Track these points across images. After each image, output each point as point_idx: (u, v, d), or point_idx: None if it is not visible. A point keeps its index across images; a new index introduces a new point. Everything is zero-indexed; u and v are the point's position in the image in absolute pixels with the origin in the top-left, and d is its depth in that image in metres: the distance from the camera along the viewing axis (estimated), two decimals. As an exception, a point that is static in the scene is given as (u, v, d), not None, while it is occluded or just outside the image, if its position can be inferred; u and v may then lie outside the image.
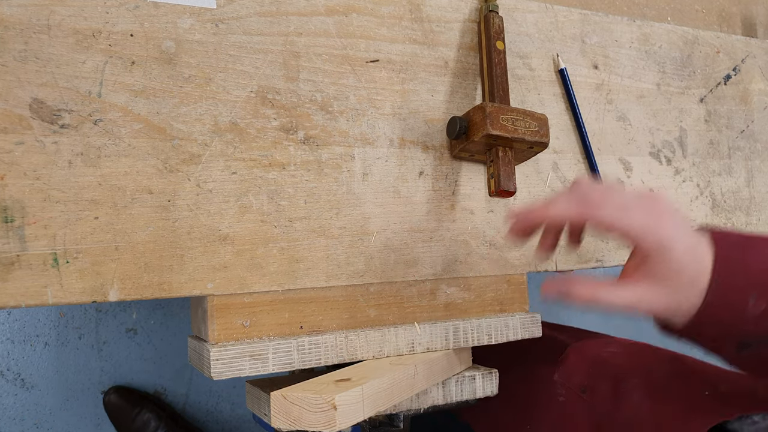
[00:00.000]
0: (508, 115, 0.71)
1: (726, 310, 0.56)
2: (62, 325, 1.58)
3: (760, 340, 0.57)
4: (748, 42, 1.02)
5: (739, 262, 0.56)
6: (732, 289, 0.56)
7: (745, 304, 0.55)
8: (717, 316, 0.56)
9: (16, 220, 0.57)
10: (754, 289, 0.56)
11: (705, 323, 0.57)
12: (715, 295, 0.56)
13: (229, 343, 0.64)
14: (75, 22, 0.60)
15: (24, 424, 1.53)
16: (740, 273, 0.56)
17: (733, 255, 0.57)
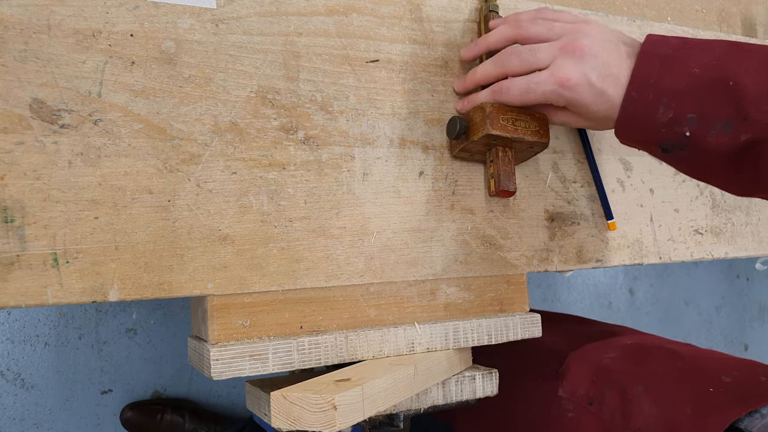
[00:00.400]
0: (508, 115, 0.71)
1: (637, 120, 0.64)
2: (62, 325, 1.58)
3: (674, 144, 0.64)
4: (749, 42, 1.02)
5: (654, 78, 0.62)
6: (640, 102, 0.63)
7: (654, 113, 0.62)
8: (632, 126, 0.65)
9: (16, 220, 0.56)
10: (663, 97, 0.62)
11: (625, 130, 0.66)
12: (625, 112, 0.64)
13: (229, 343, 0.64)
14: (75, 22, 0.60)
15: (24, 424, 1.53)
16: (651, 88, 0.62)
17: (648, 72, 0.63)
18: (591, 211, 0.85)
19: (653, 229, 0.89)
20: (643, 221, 0.88)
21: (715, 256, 0.94)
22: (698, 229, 0.93)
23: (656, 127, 0.63)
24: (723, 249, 0.95)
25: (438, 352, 0.72)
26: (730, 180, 0.66)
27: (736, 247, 0.96)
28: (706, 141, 0.61)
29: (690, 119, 0.61)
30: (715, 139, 0.61)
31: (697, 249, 0.93)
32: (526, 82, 0.67)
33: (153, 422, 1.57)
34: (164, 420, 1.57)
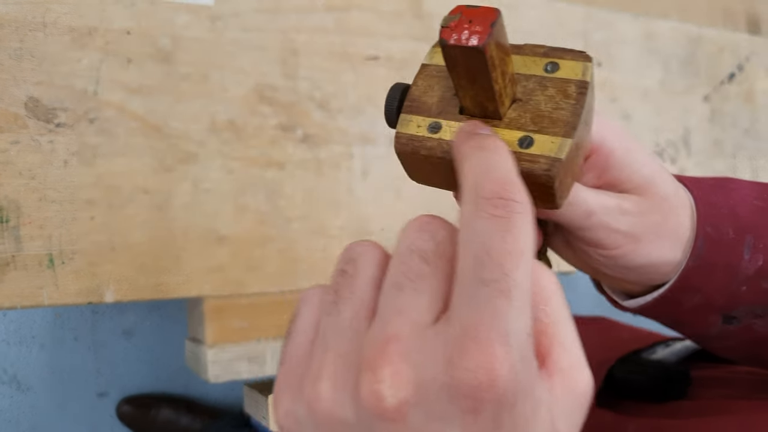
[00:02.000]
0: None
1: (712, 275, 0.43)
2: (58, 326, 1.57)
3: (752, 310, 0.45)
4: (753, 40, 1.01)
5: (725, 206, 0.44)
6: (721, 243, 0.43)
7: (739, 259, 0.43)
8: (702, 282, 0.44)
9: (12, 220, 0.56)
10: (748, 234, 0.43)
11: (688, 288, 0.44)
12: (700, 259, 0.43)
13: (226, 345, 0.63)
14: (71, 20, 0.60)
15: (19, 427, 1.53)
16: (729, 219, 0.44)
17: (714, 199, 0.44)
18: (593, 211, 0.84)
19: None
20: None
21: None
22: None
23: (738, 280, 0.43)
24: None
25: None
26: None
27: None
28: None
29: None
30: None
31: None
32: None
33: (148, 416, 1.57)
34: (160, 414, 1.58)
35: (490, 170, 0.28)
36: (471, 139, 0.31)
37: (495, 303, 0.24)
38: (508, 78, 0.35)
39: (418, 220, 0.29)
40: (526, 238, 0.26)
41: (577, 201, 0.40)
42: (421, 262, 0.27)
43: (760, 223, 0.44)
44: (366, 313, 0.27)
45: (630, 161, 0.41)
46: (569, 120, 0.35)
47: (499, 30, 0.32)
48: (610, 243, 0.42)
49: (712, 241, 0.43)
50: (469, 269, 0.25)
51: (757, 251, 0.43)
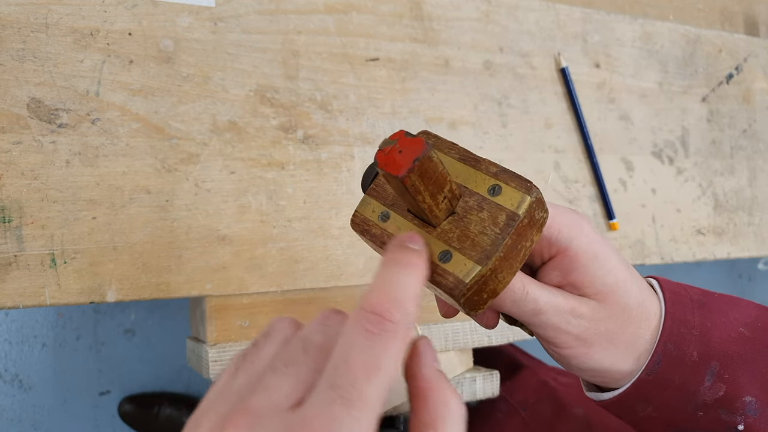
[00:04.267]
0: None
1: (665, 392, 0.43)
2: (60, 325, 1.58)
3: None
4: (751, 41, 1.01)
5: (697, 328, 0.43)
6: (680, 363, 0.42)
7: (698, 385, 0.42)
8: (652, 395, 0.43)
9: (14, 220, 0.56)
10: (712, 361, 0.42)
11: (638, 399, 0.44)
12: (654, 374, 0.43)
13: (227, 344, 0.63)
14: (73, 21, 0.60)
15: (22, 425, 1.53)
16: (697, 341, 0.43)
17: (689, 317, 0.43)
18: (593, 211, 0.84)
19: (655, 230, 0.88)
20: (645, 221, 0.88)
21: (718, 256, 0.94)
22: (700, 229, 0.92)
23: (694, 405, 0.43)
24: (725, 249, 0.95)
25: (438, 353, 0.72)
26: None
27: (738, 247, 0.96)
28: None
29: (749, 405, 0.42)
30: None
31: (699, 249, 0.92)
32: None
33: (150, 415, 1.57)
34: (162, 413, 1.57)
35: (385, 286, 0.31)
36: (393, 250, 0.34)
37: (334, 408, 0.26)
38: (443, 197, 0.37)
39: (323, 314, 0.33)
40: (389, 357, 0.28)
41: (526, 299, 0.41)
42: (301, 351, 0.31)
43: (734, 352, 0.43)
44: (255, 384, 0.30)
45: (594, 268, 0.42)
46: (487, 248, 0.36)
47: (425, 163, 0.35)
48: (559, 342, 0.42)
49: (671, 358, 0.42)
50: (329, 370, 0.28)
51: (720, 380, 0.42)
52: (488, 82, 0.79)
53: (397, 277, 0.31)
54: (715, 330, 0.43)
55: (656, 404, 0.43)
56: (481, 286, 0.36)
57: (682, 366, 0.42)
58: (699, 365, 0.42)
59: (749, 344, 0.43)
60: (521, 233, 0.37)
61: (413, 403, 0.32)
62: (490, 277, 0.36)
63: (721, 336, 0.43)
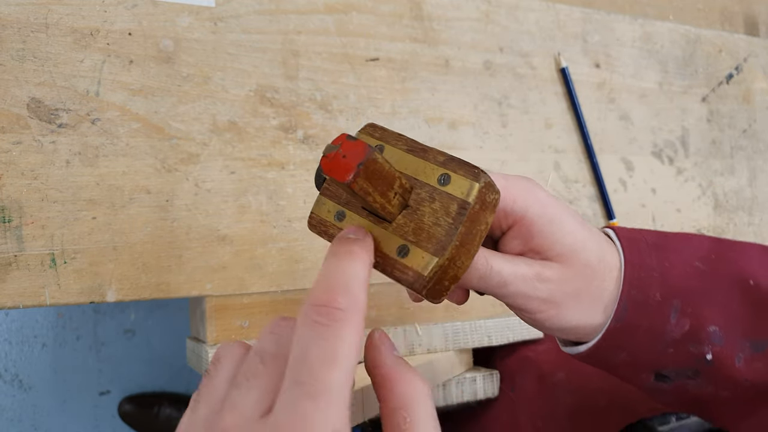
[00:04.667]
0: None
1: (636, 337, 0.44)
2: (60, 325, 1.58)
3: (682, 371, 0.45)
4: (751, 41, 1.01)
5: (657, 269, 0.44)
6: (646, 306, 0.44)
7: (664, 324, 0.44)
8: (625, 342, 0.45)
9: (14, 220, 0.56)
10: (674, 299, 0.44)
11: (612, 348, 0.45)
12: (622, 321, 0.44)
13: (228, 344, 0.63)
14: (73, 21, 0.60)
15: (21, 426, 1.53)
16: (657, 283, 0.44)
17: (647, 261, 0.45)
18: (593, 211, 0.84)
19: (655, 229, 0.88)
20: (645, 221, 0.88)
21: (717, 256, 0.94)
22: (700, 229, 0.92)
23: (663, 343, 0.44)
24: (724, 249, 0.95)
25: (438, 353, 0.72)
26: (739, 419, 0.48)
27: (737, 247, 0.96)
28: (732, 368, 0.44)
29: (713, 335, 0.44)
30: (744, 366, 0.44)
31: (698, 249, 0.92)
32: None
33: (150, 415, 1.57)
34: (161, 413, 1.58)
35: (328, 277, 0.31)
36: (334, 243, 0.35)
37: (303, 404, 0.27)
38: (393, 193, 0.38)
39: (271, 323, 0.33)
40: (344, 344, 0.29)
41: (491, 274, 0.42)
42: (259, 363, 0.31)
43: (693, 287, 0.44)
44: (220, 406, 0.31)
45: (552, 231, 0.43)
46: (442, 239, 0.36)
47: (370, 166, 0.35)
48: (530, 308, 0.43)
49: (636, 303, 0.44)
50: (289, 371, 0.29)
51: (684, 315, 0.44)
52: (488, 82, 0.79)
53: (337, 266, 0.32)
54: (673, 269, 0.44)
55: (629, 349, 0.45)
56: (441, 276, 0.37)
57: (647, 308, 0.44)
58: (663, 305, 0.44)
59: (706, 277, 0.45)
60: (474, 219, 0.37)
61: (379, 392, 0.33)
62: (448, 266, 0.37)
63: (679, 273, 0.44)
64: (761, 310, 0.45)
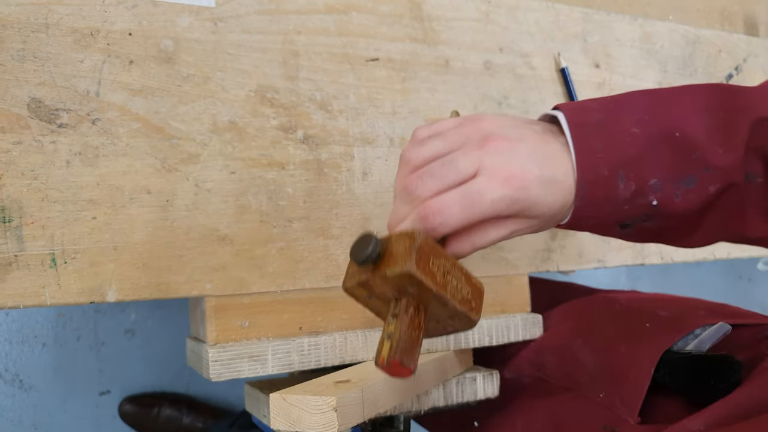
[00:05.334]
0: (440, 261, 0.51)
1: (596, 204, 0.54)
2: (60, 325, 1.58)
3: (638, 218, 0.56)
4: (750, 41, 1.01)
5: (601, 150, 0.54)
6: (598, 183, 0.53)
7: (615, 191, 0.54)
8: (591, 213, 0.55)
9: (14, 220, 0.56)
10: (619, 169, 0.53)
11: (582, 218, 0.56)
12: (584, 199, 0.54)
13: (227, 344, 0.63)
14: (73, 21, 0.60)
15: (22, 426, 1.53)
16: (603, 163, 0.53)
17: (593, 145, 0.54)
18: (592, 211, 0.84)
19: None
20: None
21: (717, 256, 0.94)
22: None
23: (619, 204, 0.54)
24: (725, 249, 0.95)
25: (438, 353, 0.72)
26: (688, 235, 0.59)
27: (738, 247, 0.96)
28: (673, 204, 0.54)
29: (654, 186, 0.54)
30: (681, 200, 0.54)
31: (699, 249, 0.92)
32: (463, 194, 0.51)
33: (150, 415, 1.58)
34: (162, 413, 1.58)
35: None
36: None
37: None
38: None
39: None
40: None
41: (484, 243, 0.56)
42: None
43: (632, 154, 0.54)
44: None
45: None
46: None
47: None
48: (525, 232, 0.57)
49: (590, 183, 0.54)
50: None
51: (629, 180, 0.54)
52: (488, 82, 0.80)
53: None
54: (614, 144, 0.54)
55: (595, 215, 0.56)
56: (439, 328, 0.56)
57: (599, 184, 0.54)
58: (610, 177, 0.54)
59: (641, 141, 0.54)
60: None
61: None
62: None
63: (619, 146, 0.54)
64: (687, 153, 0.54)
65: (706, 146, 0.54)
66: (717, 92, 0.57)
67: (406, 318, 0.51)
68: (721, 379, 0.59)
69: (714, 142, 0.54)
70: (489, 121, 0.55)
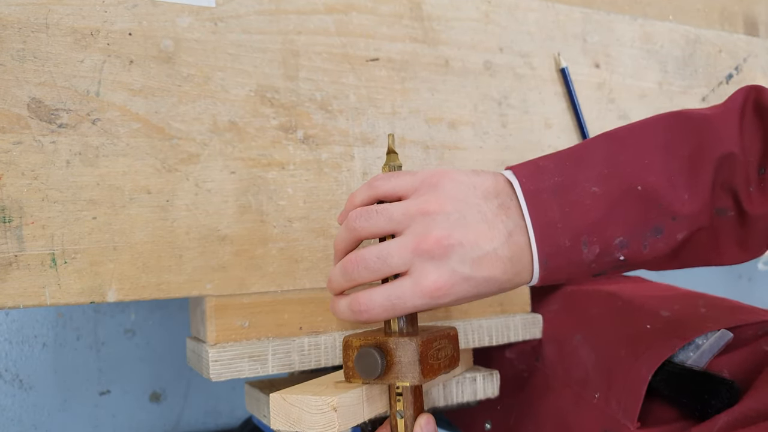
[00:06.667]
0: (433, 344, 0.56)
1: (563, 271, 0.55)
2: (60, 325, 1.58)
3: (607, 269, 0.56)
4: (750, 41, 1.02)
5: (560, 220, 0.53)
6: (559, 253, 0.54)
7: (579, 256, 0.54)
8: (556, 277, 0.56)
9: (14, 220, 0.56)
10: (581, 237, 0.53)
11: (549, 281, 0.57)
12: (547, 270, 0.55)
13: (228, 344, 0.63)
14: (73, 21, 0.60)
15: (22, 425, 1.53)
16: (563, 234, 0.53)
17: (551, 215, 0.54)
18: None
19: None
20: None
21: (717, 256, 0.94)
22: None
23: (585, 265, 0.55)
24: (724, 249, 0.95)
25: (438, 353, 0.72)
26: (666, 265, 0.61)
27: (737, 247, 0.96)
28: (641, 255, 0.55)
29: (620, 244, 0.54)
30: (649, 250, 0.55)
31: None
32: (386, 296, 0.54)
33: None
34: None
35: None
36: None
37: None
38: None
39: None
40: None
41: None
42: None
43: (593, 219, 0.53)
44: None
45: None
46: None
47: None
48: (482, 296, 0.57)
49: (552, 255, 0.54)
50: None
51: (592, 244, 0.54)
52: (488, 82, 0.80)
53: None
54: (573, 211, 0.53)
55: (562, 277, 0.56)
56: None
57: (561, 254, 0.54)
58: (573, 246, 0.53)
59: (602, 201, 0.53)
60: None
61: None
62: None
63: (579, 212, 0.53)
64: (651, 206, 0.54)
65: (671, 196, 0.54)
66: (678, 126, 0.56)
67: (410, 398, 0.56)
68: (718, 399, 0.59)
69: (678, 189, 0.54)
70: (440, 201, 0.54)
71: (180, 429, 1.65)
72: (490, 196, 0.55)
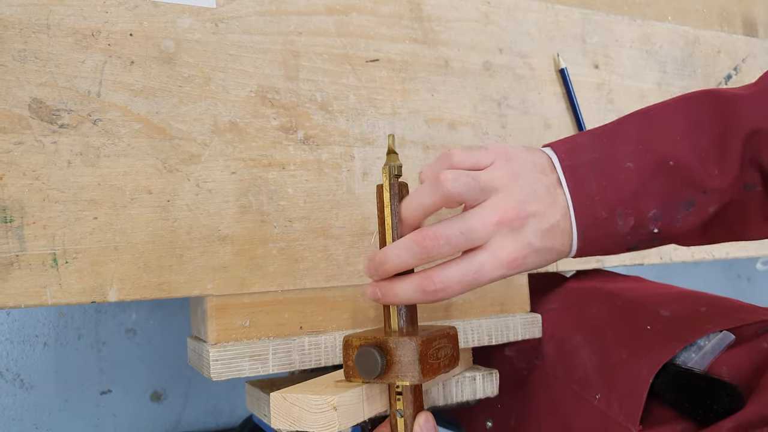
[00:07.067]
0: (433, 343, 0.57)
1: (599, 243, 0.58)
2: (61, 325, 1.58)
3: (643, 243, 0.59)
4: (749, 41, 1.02)
5: (597, 194, 0.57)
6: (596, 225, 0.57)
7: (615, 228, 0.57)
8: (593, 249, 0.59)
9: (15, 220, 0.56)
10: (617, 209, 0.56)
11: (586, 253, 0.59)
12: (584, 240, 0.57)
13: (228, 343, 0.63)
14: (74, 22, 0.60)
15: (23, 425, 1.53)
16: (600, 206, 0.56)
17: (588, 189, 0.57)
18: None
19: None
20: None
21: (716, 256, 0.94)
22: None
23: (621, 237, 0.58)
24: (724, 249, 0.95)
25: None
26: (692, 241, 0.63)
27: (736, 247, 0.96)
28: (674, 228, 0.57)
29: (654, 216, 0.57)
30: (682, 223, 0.57)
31: (697, 249, 0.92)
32: (464, 272, 0.54)
33: None
34: None
35: None
36: None
37: None
38: None
39: None
40: None
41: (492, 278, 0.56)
42: None
43: (628, 192, 0.56)
44: None
45: None
46: None
47: None
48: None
49: (589, 227, 0.57)
50: None
51: (627, 216, 0.56)
52: (488, 83, 0.80)
53: None
54: (610, 185, 0.56)
55: (599, 248, 0.59)
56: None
57: (598, 225, 0.57)
58: (609, 218, 0.56)
59: (636, 175, 0.56)
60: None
61: None
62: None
63: (615, 186, 0.56)
64: (683, 180, 0.56)
65: (701, 171, 0.56)
66: (708, 104, 0.58)
67: (410, 397, 0.57)
68: (720, 404, 0.59)
69: (708, 164, 0.56)
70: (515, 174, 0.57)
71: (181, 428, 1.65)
72: (547, 171, 0.58)
